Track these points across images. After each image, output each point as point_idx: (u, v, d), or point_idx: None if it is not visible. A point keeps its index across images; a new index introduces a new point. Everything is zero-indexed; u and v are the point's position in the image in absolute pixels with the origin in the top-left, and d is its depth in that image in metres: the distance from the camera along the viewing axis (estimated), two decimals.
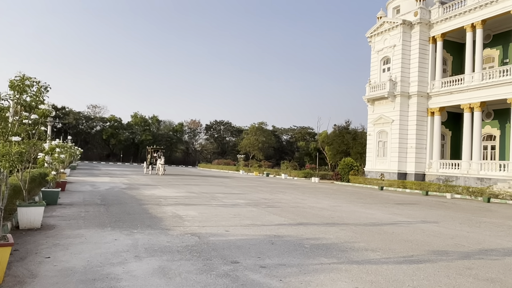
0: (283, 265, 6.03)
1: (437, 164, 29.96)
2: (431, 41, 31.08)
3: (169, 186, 21.49)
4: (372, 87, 33.16)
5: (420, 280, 5.53)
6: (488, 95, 26.57)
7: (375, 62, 34.16)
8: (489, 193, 21.95)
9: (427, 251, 7.54)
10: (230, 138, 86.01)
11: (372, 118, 33.74)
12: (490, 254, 7.49)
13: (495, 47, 30.35)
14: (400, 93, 30.93)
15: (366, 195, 21.71)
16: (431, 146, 30.73)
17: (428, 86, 30.93)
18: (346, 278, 5.46)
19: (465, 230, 10.37)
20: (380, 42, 33.47)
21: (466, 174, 27.22)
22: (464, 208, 16.62)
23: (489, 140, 30.54)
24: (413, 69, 31.14)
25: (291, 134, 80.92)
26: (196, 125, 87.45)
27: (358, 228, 9.80)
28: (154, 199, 14.39)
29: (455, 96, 28.91)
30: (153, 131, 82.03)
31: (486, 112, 30.21)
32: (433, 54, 31.10)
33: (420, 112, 30.87)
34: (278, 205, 14.41)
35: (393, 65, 32.00)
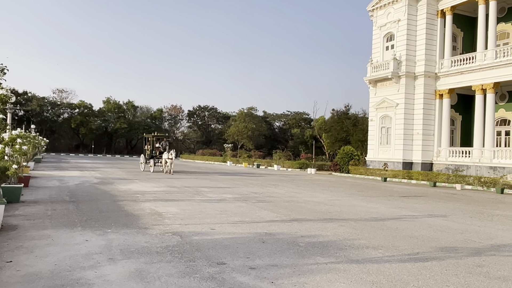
0: (275, 265, 6.08)
1: (446, 152, 30.30)
2: (439, 15, 31.14)
3: (148, 180, 21.44)
4: (374, 67, 33.22)
5: (426, 280, 5.62)
6: (502, 75, 26.81)
7: (377, 39, 34.17)
8: (502, 184, 22.32)
9: (434, 247, 7.66)
10: (216, 125, 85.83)
11: (374, 102, 33.88)
12: (503, 250, 7.65)
13: (510, 22, 30.54)
14: (405, 73, 31.04)
15: (367, 187, 21.92)
16: (439, 133, 31.01)
17: (436, 66, 31.09)
18: (345, 279, 5.53)
19: (476, 224, 10.55)
20: (383, 17, 33.45)
21: (478, 163, 27.60)
22: (475, 200, 16.90)
23: (503, 125, 30.94)
24: (420, 47, 31.22)
25: (284, 121, 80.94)
26: (177, 111, 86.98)
27: (359, 224, 9.91)
28: (131, 195, 14.35)
29: (466, 77, 29.12)
30: (129, 119, 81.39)
31: (500, 94, 30.53)
32: (441, 30, 31.19)
33: (427, 95, 31.06)
34: (270, 199, 14.48)
35: (398, 42, 32.04)
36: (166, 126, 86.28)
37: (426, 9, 30.82)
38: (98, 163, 40.05)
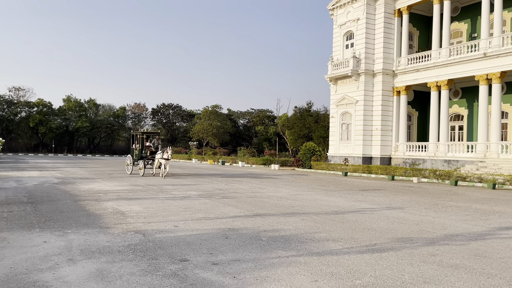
0: (238, 260, 6.10)
1: (403, 147, 31.28)
2: (396, 14, 32.05)
3: (111, 179, 20.96)
4: (334, 64, 33.81)
5: (383, 270, 5.80)
6: (455, 72, 27.93)
7: (337, 38, 34.77)
8: (456, 176, 23.31)
9: (391, 238, 7.91)
10: (181, 123, 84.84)
11: (335, 99, 34.50)
12: (455, 239, 7.98)
13: (463, 21, 31.82)
14: (364, 71, 31.77)
15: (329, 181, 22.32)
16: (397, 128, 31.98)
17: (394, 63, 31.99)
18: (305, 272, 5.62)
19: (431, 215, 10.96)
20: (342, 15, 34.06)
21: (433, 157, 28.66)
22: (430, 192, 17.54)
23: (457, 120, 32.25)
24: (378, 45, 32.03)
25: (248, 118, 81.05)
26: (141, 109, 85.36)
27: (320, 218, 10.08)
28: (92, 194, 13.99)
29: (421, 74, 30.13)
30: (91, 117, 79.15)
31: (453, 91, 31.79)
32: (398, 29, 32.12)
33: (385, 92, 31.93)
34: (234, 195, 14.49)
35: (357, 41, 32.74)
36: (130, 125, 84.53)
37: (384, 8, 31.63)
38: (58, 163, 38.76)
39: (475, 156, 26.07)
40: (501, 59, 25.08)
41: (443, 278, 5.49)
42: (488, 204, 13.80)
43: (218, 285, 5.03)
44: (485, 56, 25.78)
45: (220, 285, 5.02)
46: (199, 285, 5.01)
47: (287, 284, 5.11)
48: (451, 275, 5.64)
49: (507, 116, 28.61)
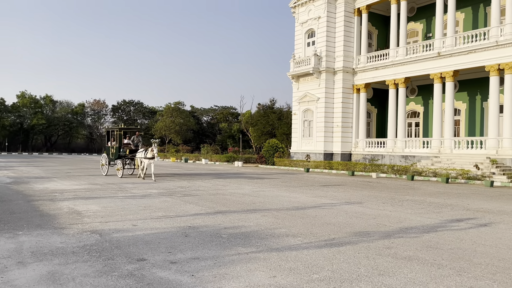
0: (197, 258, 6.04)
1: (363, 143, 32.04)
2: (356, 13, 32.70)
3: (68, 178, 20.29)
4: (296, 62, 34.12)
5: (340, 264, 5.90)
6: (412, 70, 28.84)
7: (299, 35, 35.11)
8: (413, 171, 24.11)
9: (349, 233, 8.06)
10: (143, 120, 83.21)
11: (297, 96, 34.85)
12: (410, 232, 8.24)
13: (419, 21, 32.89)
14: (325, 68, 32.25)
15: (291, 178, 22.53)
16: (357, 125, 32.69)
17: (354, 62, 32.66)
18: (264, 268, 5.64)
19: (388, 210, 11.28)
20: (304, 13, 34.40)
21: (391, 152, 29.51)
22: (388, 187, 18.06)
23: (414, 117, 33.34)
24: (339, 43, 32.59)
25: (212, 115, 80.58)
26: (100, 106, 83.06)
27: (280, 213, 10.15)
28: (47, 194, 13.48)
29: (380, 72, 30.92)
30: (47, 114, 76.29)
31: (410, 88, 32.83)
32: (358, 27, 32.80)
33: (345, 89, 32.56)
34: (196, 193, 14.36)
35: (318, 39, 33.17)
36: (89, 122, 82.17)
37: (344, 7, 32.19)
38: (12, 162, 37.14)
39: (430, 151, 27.04)
40: (454, 58, 26.10)
41: (397, 269, 5.65)
42: (441, 198, 14.35)
43: (175, 284, 4.96)
44: (439, 55, 26.76)
45: (178, 284, 4.95)
46: (156, 285, 4.91)
47: (246, 280, 5.11)
48: (405, 266, 5.81)
49: (459, 113, 29.84)
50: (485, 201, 13.58)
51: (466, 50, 25.33)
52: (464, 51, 25.47)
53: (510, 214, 10.93)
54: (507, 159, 23.03)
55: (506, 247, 7.08)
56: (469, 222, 9.45)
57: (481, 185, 19.91)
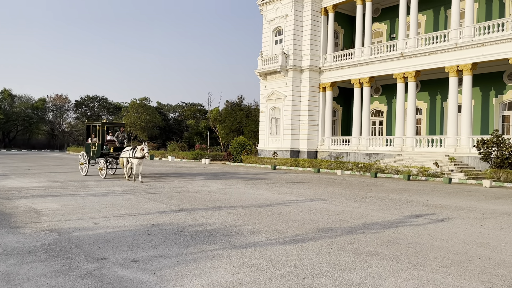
0: (159, 256, 5.96)
1: (328, 141, 32.53)
2: (323, 13, 33.10)
3: (26, 175, 19.58)
4: (264, 60, 34.23)
5: (303, 259, 5.97)
6: (376, 70, 29.49)
7: (267, 33, 35.21)
8: (376, 168, 24.70)
9: (313, 229, 8.17)
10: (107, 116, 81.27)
11: (265, 94, 34.98)
12: (371, 228, 8.43)
13: (383, 22, 33.65)
14: (292, 67, 32.51)
15: (258, 175, 22.59)
16: (323, 123, 33.16)
17: (320, 60, 33.06)
18: (227, 265, 5.63)
19: (351, 206, 11.50)
20: (272, 11, 34.52)
21: (356, 150, 30.12)
22: (352, 184, 18.42)
23: (377, 115, 34.13)
24: (306, 42, 32.91)
25: (179, 112, 79.65)
26: (63, 101, 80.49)
27: (246, 210, 10.17)
28: (4, 192, 12.97)
29: (346, 71, 31.46)
30: (5, 109, 73.21)
31: (374, 88, 33.58)
32: (325, 27, 33.21)
33: (312, 88, 32.94)
34: (161, 190, 14.18)
35: (286, 37, 33.38)
36: (51, 117, 79.49)
37: (311, 6, 32.51)
38: None
39: (393, 149, 27.78)
40: (416, 59, 26.88)
41: (358, 265, 5.78)
42: (403, 194, 14.78)
43: (136, 282, 4.88)
44: (402, 56, 27.48)
45: (139, 282, 4.87)
46: (116, 284, 4.82)
47: (208, 278, 5.09)
48: (365, 261, 5.95)
49: (421, 113, 30.78)
50: (443, 197, 14.08)
51: (428, 51, 26.14)
52: (425, 52, 26.27)
53: (465, 209, 11.38)
54: (465, 157, 23.96)
55: (461, 241, 7.37)
56: (427, 218, 9.78)
57: (440, 182, 20.62)
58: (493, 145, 21.21)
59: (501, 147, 20.86)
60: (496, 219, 9.91)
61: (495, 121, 26.70)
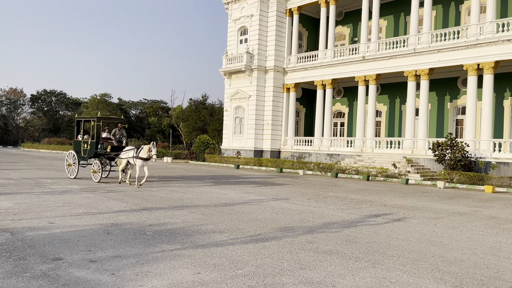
0: (118, 256, 5.84)
1: (291, 141, 32.89)
2: (288, 14, 33.40)
3: None
4: (229, 59, 34.16)
5: (264, 259, 6.01)
6: (338, 72, 30.07)
7: (232, 32, 35.16)
8: (337, 169, 25.20)
9: (275, 228, 8.24)
10: (65, 112, 78.67)
11: (229, 93, 34.92)
12: (332, 227, 8.60)
13: (346, 25, 34.34)
14: (257, 67, 32.63)
15: (221, 174, 22.54)
16: (286, 123, 33.48)
17: (285, 61, 33.36)
18: (189, 264, 5.59)
19: (312, 205, 11.68)
20: (237, 11, 34.50)
21: (318, 151, 30.61)
22: (314, 184, 18.71)
23: (339, 117, 34.82)
24: (270, 42, 33.12)
25: (141, 109, 78.23)
26: (17, 95, 77.22)
27: (208, 210, 10.12)
28: None
29: (309, 72, 31.89)
30: None
31: (337, 90, 34.22)
32: (289, 28, 33.54)
33: (276, 88, 33.19)
34: (121, 189, 13.88)
35: (251, 37, 33.45)
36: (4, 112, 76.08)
37: (276, 7, 32.73)
38: None
39: (353, 150, 28.42)
40: (377, 63, 27.63)
41: (318, 263, 5.88)
42: (362, 194, 15.15)
43: (94, 283, 4.76)
44: (363, 59, 28.16)
45: (97, 283, 4.75)
46: (72, 285, 4.68)
47: (169, 278, 5.03)
48: (325, 260, 6.06)
49: (381, 115, 31.66)
50: (400, 198, 14.55)
51: (388, 56, 26.91)
52: (386, 57, 27.04)
53: (421, 209, 11.82)
54: (421, 158, 24.85)
55: (416, 240, 7.65)
56: (385, 217, 10.08)
57: (398, 183, 21.29)
58: (447, 148, 22.11)
59: (455, 149, 21.78)
60: (449, 218, 10.35)
61: (450, 125, 27.85)
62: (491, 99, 22.75)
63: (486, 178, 20.07)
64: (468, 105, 23.53)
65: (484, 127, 22.69)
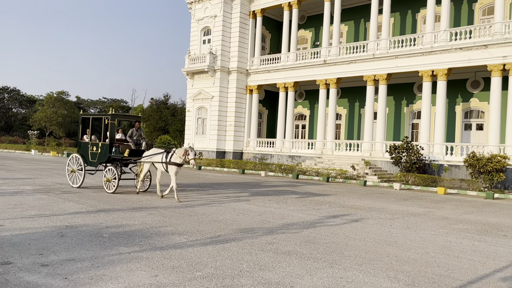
0: (72, 260, 5.64)
1: (254, 143, 33.00)
2: (251, 16, 33.53)
3: None
4: (192, 59, 33.86)
5: (223, 260, 5.98)
6: (300, 75, 30.46)
7: (195, 32, 34.89)
8: (298, 170, 25.50)
9: (235, 229, 8.23)
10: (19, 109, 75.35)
11: (192, 93, 34.62)
12: (291, 228, 8.68)
13: (308, 29, 34.86)
14: (220, 68, 32.52)
15: (182, 175, 22.26)
16: (249, 125, 33.57)
17: (248, 63, 33.45)
18: (146, 267, 5.48)
19: (273, 207, 11.76)
20: (200, 11, 34.28)
21: (280, 152, 30.87)
22: (275, 185, 18.83)
23: (301, 119, 35.27)
24: (234, 44, 33.11)
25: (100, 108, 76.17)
26: None
27: (168, 211, 9.98)
28: None
29: (272, 75, 32.13)
30: None
31: (299, 92, 34.66)
32: (253, 30, 33.66)
33: (239, 89, 33.21)
34: (77, 190, 13.44)
35: (214, 37, 33.31)
36: None
37: (240, 8, 32.76)
38: None
39: (314, 152, 28.86)
40: (338, 67, 28.20)
41: (277, 264, 5.92)
42: (321, 195, 15.40)
43: None
44: (325, 63, 28.68)
45: None
46: None
47: (125, 281, 4.91)
48: (284, 261, 6.11)
49: (341, 118, 32.34)
50: (358, 199, 14.90)
51: (348, 60, 27.53)
52: (346, 61, 27.65)
53: (377, 210, 12.15)
54: (379, 161, 25.57)
55: (372, 240, 7.85)
56: (343, 218, 10.28)
57: (356, 184, 21.80)
58: (404, 151, 22.87)
59: (410, 152, 22.56)
60: (404, 219, 10.70)
61: (406, 128, 28.83)
62: (444, 105, 23.74)
63: (439, 180, 20.90)
64: (423, 110, 24.43)
65: (438, 131, 23.63)
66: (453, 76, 24.92)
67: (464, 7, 26.63)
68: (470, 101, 25.98)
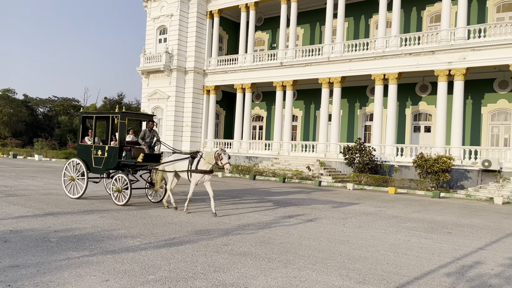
0: (16, 266, 5.37)
1: (211, 143, 32.82)
2: (208, 16, 33.34)
3: None
4: (147, 58, 33.23)
5: (177, 263, 5.90)
6: (258, 77, 30.62)
7: (151, 31, 34.26)
8: (255, 171, 25.62)
9: (190, 231, 8.14)
10: None
11: (147, 93, 33.96)
12: (247, 229, 8.70)
13: (265, 31, 35.12)
14: (176, 67, 32.12)
15: None
16: (206, 125, 33.36)
17: (205, 63, 33.24)
18: (97, 272, 5.31)
19: (229, 208, 11.74)
20: (156, 9, 33.71)
21: (237, 153, 30.88)
22: (232, 186, 18.82)
23: (258, 120, 35.46)
24: (190, 43, 32.80)
25: (50, 107, 73.02)
26: None
27: (121, 214, 9.72)
28: None
29: (229, 76, 32.11)
30: None
31: (256, 94, 34.83)
32: (210, 30, 33.49)
33: (196, 90, 32.94)
34: (24, 193, 12.82)
35: (170, 37, 32.85)
36: None
37: (196, 8, 32.50)
38: None
39: (271, 153, 29.11)
40: (294, 69, 28.60)
41: (232, 265, 5.91)
42: (278, 196, 15.55)
43: None
44: (281, 65, 28.99)
45: None
46: None
47: (73, 287, 4.73)
48: (239, 262, 6.11)
49: (297, 120, 32.82)
50: (313, 199, 15.17)
51: (304, 63, 27.99)
52: (302, 63, 28.10)
53: (331, 210, 12.42)
54: (333, 162, 26.16)
55: (325, 240, 8.01)
56: (298, 218, 10.43)
57: (311, 185, 22.18)
58: (357, 152, 23.53)
59: (363, 153, 23.24)
60: (356, 218, 11.00)
61: (359, 130, 29.68)
62: (395, 107, 24.66)
63: (390, 180, 21.67)
64: (375, 112, 25.23)
65: (389, 133, 24.50)
66: (404, 80, 25.91)
67: (414, 14, 27.78)
68: (419, 104, 27.14)
